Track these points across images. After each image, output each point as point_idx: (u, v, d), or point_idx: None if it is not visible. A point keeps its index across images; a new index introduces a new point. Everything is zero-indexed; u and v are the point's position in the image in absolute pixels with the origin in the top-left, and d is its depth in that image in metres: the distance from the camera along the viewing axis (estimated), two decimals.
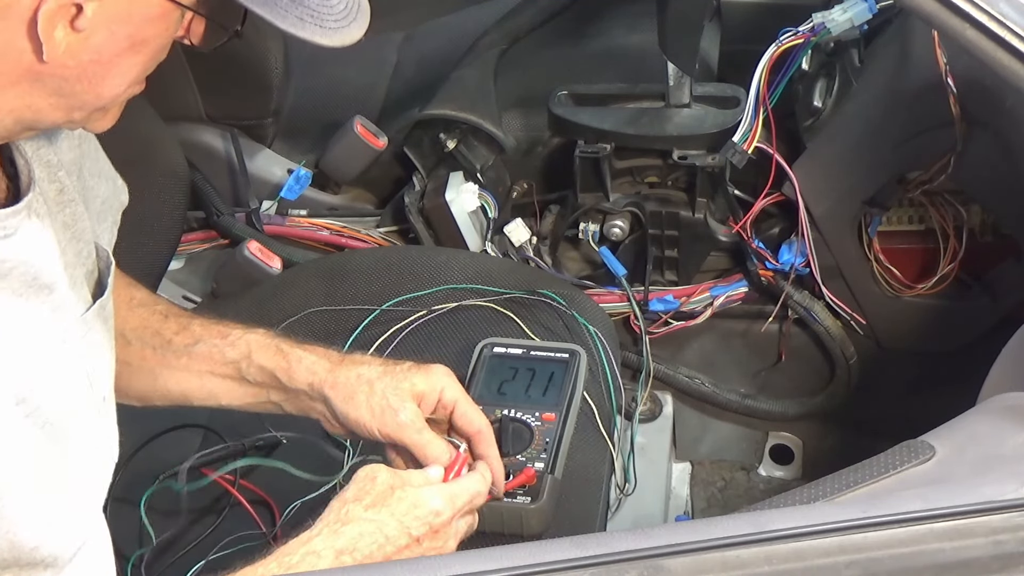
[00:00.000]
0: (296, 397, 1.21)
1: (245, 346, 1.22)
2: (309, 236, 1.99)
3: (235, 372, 1.22)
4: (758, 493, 1.96)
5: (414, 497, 1.05)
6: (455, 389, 1.19)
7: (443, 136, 1.89)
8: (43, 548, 0.90)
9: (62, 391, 0.94)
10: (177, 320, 1.24)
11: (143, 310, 1.25)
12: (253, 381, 1.22)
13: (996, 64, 1.01)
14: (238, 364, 1.21)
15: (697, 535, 0.84)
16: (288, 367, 1.20)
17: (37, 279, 0.93)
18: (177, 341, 1.22)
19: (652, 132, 1.79)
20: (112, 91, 0.90)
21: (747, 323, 1.88)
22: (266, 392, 1.22)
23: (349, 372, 1.19)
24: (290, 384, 1.20)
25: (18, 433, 0.89)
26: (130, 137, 1.25)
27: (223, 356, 1.22)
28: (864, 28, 1.62)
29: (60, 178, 1.00)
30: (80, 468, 0.97)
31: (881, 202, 1.68)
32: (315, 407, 1.21)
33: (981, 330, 1.70)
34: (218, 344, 1.22)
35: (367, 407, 1.16)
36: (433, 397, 1.18)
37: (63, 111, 0.89)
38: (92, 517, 0.99)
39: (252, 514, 1.32)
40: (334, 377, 1.19)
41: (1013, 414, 1.04)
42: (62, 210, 1.00)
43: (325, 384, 1.19)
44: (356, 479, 1.07)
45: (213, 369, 1.22)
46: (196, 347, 1.22)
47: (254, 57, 1.94)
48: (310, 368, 1.20)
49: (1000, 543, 0.85)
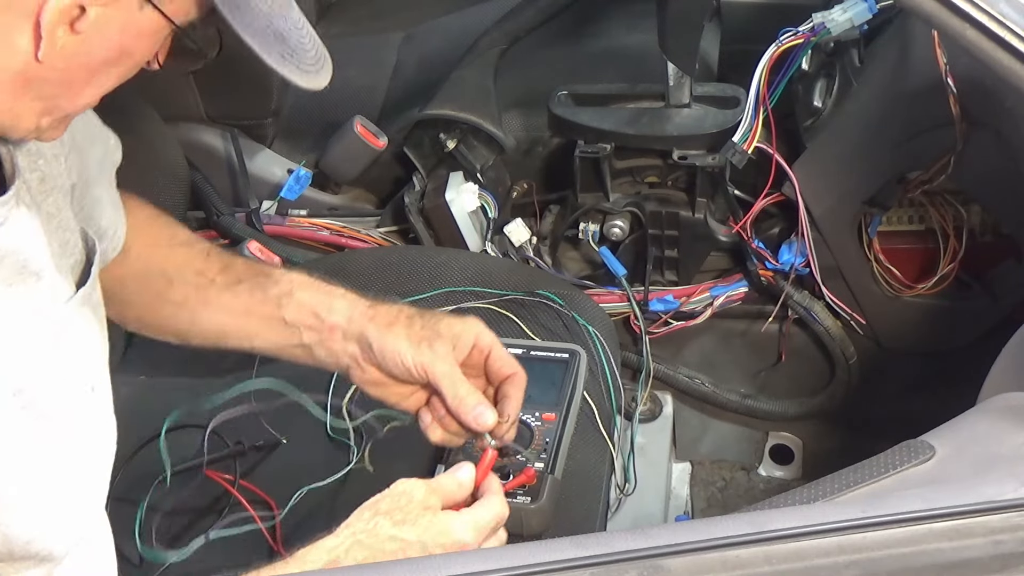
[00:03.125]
0: (330, 337, 1.20)
1: (288, 283, 1.22)
2: (309, 236, 1.99)
3: (274, 310, 1.21)
4: (758, 493, 1.96)
5: (444, 525, 1.04)
6: (490, 335, 1.20)
7: (443, 136, 1.89)
8: (37, 542, 0.90)
9: (56, 382, 0.94)
10: (220, 259, 1.25)
11: (185, 249, 1.26)
12: (290, 320, 1.21)
13: (996, 64, 1.01)
14: (279, 300, 1.21)
15: (697, 535, 0.84)
16: (329, 301, 1.21)
17: (26, 267, 0.93)
18: (220, 280, 1.23)
19: (652, 132, 1.79)
20: (87, 100, 0.91)
21: (747, 323, 1.88)
22: (299, 333, 1.21)
23: (389, 307, 1.20)
24: (328, 318, 1.19)
25: (14, 425, 0.89)
26: (130, 137, 1.25)
27: (264, 293, 1.22)
28: (864, 28, 1.63)
29: (40, 167, 1.00)
30: (76, 461, 0.97)
31: (881, 202, 1.68)
32: (347, 348, 1.19)
33: (981, 330, 1.70)
34: (261, 282, 1.22)
35: (406, 337, 1.16)
36: (468, 339, 1.18)
37: (36, 116, 0.90)
38: (91, 513, 0.99)
39: (252, 514, 1.32)
40: (374, 310, 1.19)
41: (1013, 414, 1.04)
42: (45, 199, 1.00)
43: (365, 315, 1.19)
44: (392, 492, 1.05)
45: (251, 308, 1.22)
46: (239, 286, 1.22)
47: (254, 57, 1.94)
48: (351, 302, 1.20)
49: (1000, 543, 0.85)
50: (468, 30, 2.07)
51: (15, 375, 0.90)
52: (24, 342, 0.92)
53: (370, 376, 1.20)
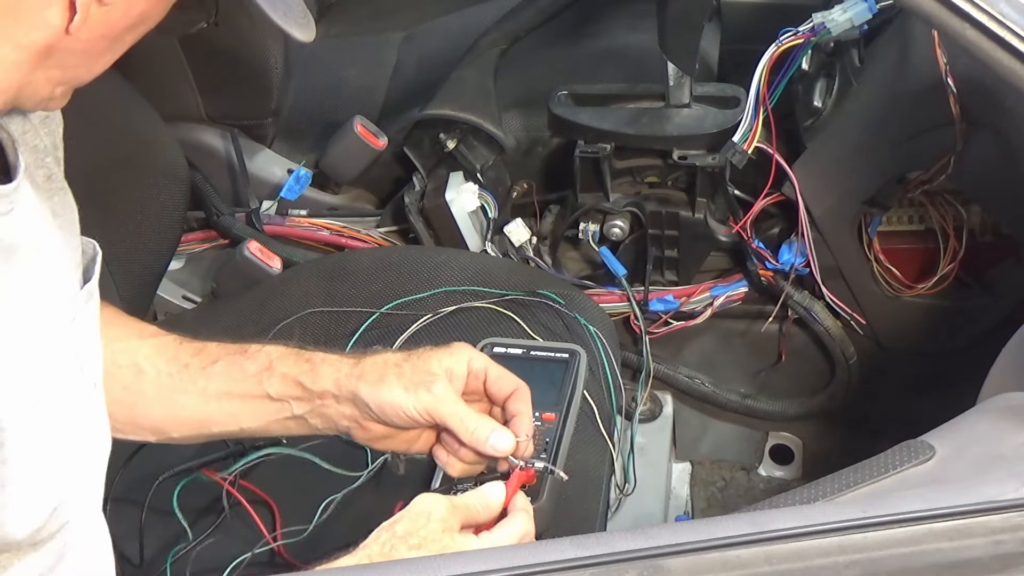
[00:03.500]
0: (322, 404, 1.15)
1: (265, 357, 1.17)
2: (309, 236, 1.99)
3: (256, 387, 1.17)
4: (758, 493, 1.96)
5: (461, 548, 1.00)
6: (481, 358, 1.16)
7: (443, 136, 1.89)
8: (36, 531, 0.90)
9: (55, 373, 0.94)
10: (192, 344, 1.20)
11: (155, 339, 1.21)
12: (275, 394, 1.16)
13: (996, 64, 1.01)
14: (259, 376, 1.16)
15: (697, 535, 0.84)
16: (312, 368, 1.16)
17: (37, 257, 0.93)
18: (195, 363, 1.17)
19: (652, 132, 1.79)
20: (102, 68, 0.90)
21: (747, 323, 1.88)
22: (289, 406, 1.16)
23: (375, 360, 1.16)
24: (315, 387, 1.15)
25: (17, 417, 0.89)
26: (130, 137, 1.25)
27: (243, 371, 1.17)
28: (864, 28, 1.62)
29: (47, 164, 1.00)
30: (72, 453, 0.96)
31: (881, 202, 1.68)
32: (343, 412, 1.15)
33: (981, 330, 1.70)
34: (237, 359, 1.17)
35: (400, 386, 1.12)
36: (462, 370, 1.15)
37: (52, 86, 0.88)
38: (87, 508, 0.99)
39: (252, 515, 1.32)
40: (360, 368, 1.15)
41: (1013, 414, 1.04)
42: (50, 197, 0.99)
43: (352, 376, 1.14)
44: (411, 513, 1.01)
45: (232, 389, 1.17)
46: (214, 367, 1.17)
47: (254, 57, 1.94)
48: (334, 366, 1.16)
49: (1000, 543, 0.85)
50: (468, 30, 2.07)
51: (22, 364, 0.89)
52: (33, 332, 0.91)
53: (373, 433, 1.16)
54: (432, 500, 1.02)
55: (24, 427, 0.89)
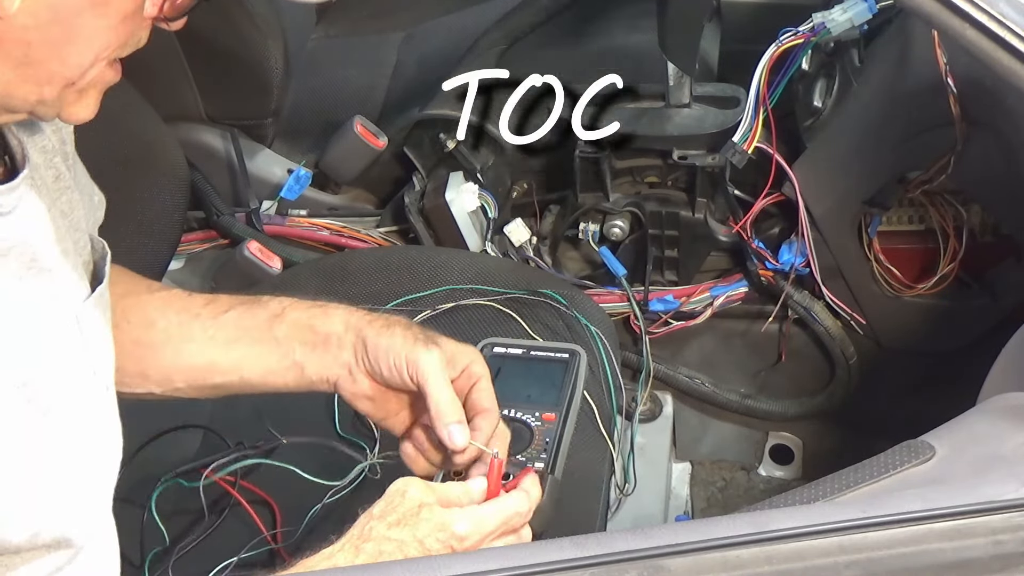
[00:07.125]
0: (323, 347, 1.15)
1: (278, 304, 1.18)
2: (309, 236, 1.99)
3: (264, 333, 1.17)
4: (758, 493, 1.96)
5: (440, 519, 1.01)
6: (482, 366, 1.16)
7: (443, 136, 1.89)
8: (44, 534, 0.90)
9: (65, 378, 0.94)
10: (202, 296, 1.21)
11: (164, 292, 1.22)
12: (281, 337, 1.16)
13: (996, 64, 1.01)
14: (270, 322, 1.17)
15: (697, 535, 0.84)
16: (324, 312, 1.17)
17: (36, 261, 0.92)
18: (205, 313, 1.18)
19: (652, 132, 1.79)
20: (78, 58, 0.86)
21: (747, 323, 1.88)
22: (291, 351, 1.16)
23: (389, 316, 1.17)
24: (324, 327, 1.15)
25: (16, 416, 0.89)
26: (130, 137, 1.25)
27: (254, 317, 1.18)
28: (864, 28, 1.62)
29: (56, 164, 1.00)
30: (84, 458, 0.96)
31: (881, 202, 1.68)
32: (340, 357, 1.15)
33: (981, 330, 1.70)
34: (250, 307, 1.18)
35: (402, 336, 1.13)
36: (462, 361, 1.15)
37: (32, 84, 0.86)
38: (98, 510, 0.99)
39: (253, 515, 1.32)
40: (372, 315, 1.16)
41: (1013, 414, 1.04)
42: (59, 197, 0.99)
43: (363, 319, 1.15)
44: (387, 493, 1.02)
45: (240, 335, 1.17)
46: (226, 315, 1.18)
47: (254, 57, 1.94)
48: (348, 310, 1.17)
49: (1000, 543, 0.85)
50: (468, 30, 2.07)
51: (21, 368, 0.89)
52: (31, 337, 0.91)
53: (360, 387, 1.16)
54: (405, 480, 1.03)
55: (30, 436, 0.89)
